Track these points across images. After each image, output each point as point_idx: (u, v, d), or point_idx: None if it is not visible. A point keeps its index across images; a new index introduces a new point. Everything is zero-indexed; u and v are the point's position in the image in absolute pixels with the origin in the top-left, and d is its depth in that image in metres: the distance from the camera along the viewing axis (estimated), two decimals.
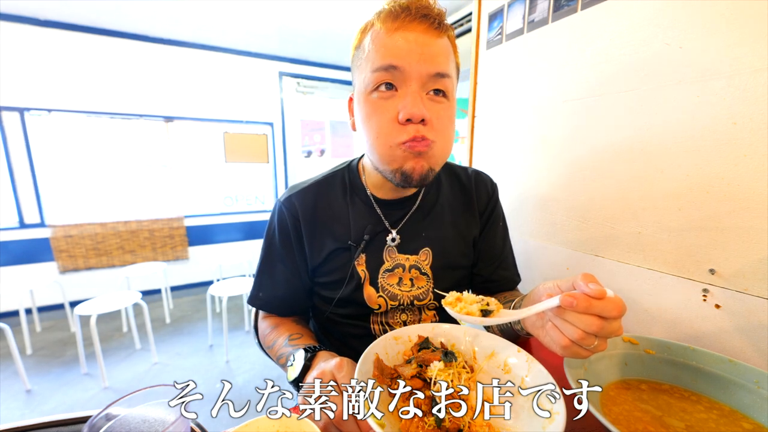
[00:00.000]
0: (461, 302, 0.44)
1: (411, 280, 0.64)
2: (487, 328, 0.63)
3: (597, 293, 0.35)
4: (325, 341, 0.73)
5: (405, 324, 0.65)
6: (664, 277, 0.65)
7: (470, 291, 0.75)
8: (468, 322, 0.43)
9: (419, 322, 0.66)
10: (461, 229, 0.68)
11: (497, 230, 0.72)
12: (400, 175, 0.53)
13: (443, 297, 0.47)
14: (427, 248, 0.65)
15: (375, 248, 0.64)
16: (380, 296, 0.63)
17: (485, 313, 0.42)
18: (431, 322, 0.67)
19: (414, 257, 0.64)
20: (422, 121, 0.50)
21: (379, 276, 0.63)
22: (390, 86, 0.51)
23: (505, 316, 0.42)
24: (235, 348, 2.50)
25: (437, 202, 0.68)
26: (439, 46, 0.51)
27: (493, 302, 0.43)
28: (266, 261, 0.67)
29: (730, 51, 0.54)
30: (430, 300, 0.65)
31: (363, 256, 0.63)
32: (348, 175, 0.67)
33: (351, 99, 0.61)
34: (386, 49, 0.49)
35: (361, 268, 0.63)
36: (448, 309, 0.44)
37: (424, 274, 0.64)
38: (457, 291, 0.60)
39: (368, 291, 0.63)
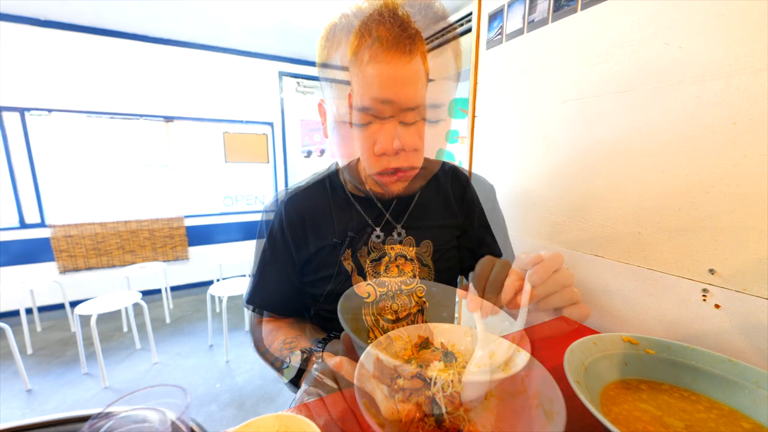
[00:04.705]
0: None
1: (397, 266, 0.67)
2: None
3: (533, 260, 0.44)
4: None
5: (396, 312, 0.66)
6: (664, 277, 0.65)
7: (461, 276, 0.78)
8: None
9: (410, 309, 0.67)
10: (441, 218, 0.72)
11: (480, 210, 0.76)
12: (380, 187, 0.62)
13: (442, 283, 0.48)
14: (410, 237, 0.69)
15: (360, 242, 0.67)
16: (368, 284, 0.64)
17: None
18: (421, 308, 0.68)
19: (399, 246, 0.68)
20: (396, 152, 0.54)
21: (366, 266, 0.66)
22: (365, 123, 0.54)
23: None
24: (235, 348, 2.50)
25: (418, 194, 0.72)
26: (412, 73, 0.50)
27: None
28: (259, 264, 0.71)
29: (730, 51, 0.54)
30: (416, 284, 0.67)
31: (348, 251, 0.66)
32: (329, 180, 0.73)
33: (322, 103, 0.64)
34: (362, 87, 0.51)
35: (348, 263, 0.66)
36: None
37: (410, 260, 0.68)
38: (446, 275, 0.64)
39: (356, 280, 0.66)
